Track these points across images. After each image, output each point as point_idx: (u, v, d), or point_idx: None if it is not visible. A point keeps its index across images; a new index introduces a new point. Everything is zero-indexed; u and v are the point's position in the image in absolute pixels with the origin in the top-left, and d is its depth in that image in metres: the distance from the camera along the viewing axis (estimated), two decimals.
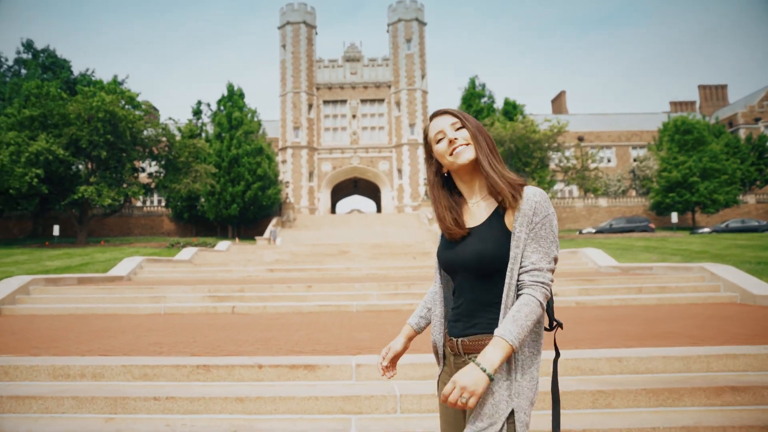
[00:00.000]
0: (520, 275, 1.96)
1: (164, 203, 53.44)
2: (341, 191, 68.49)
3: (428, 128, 2.18)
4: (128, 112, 35.70)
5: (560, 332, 7.16)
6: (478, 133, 2.10)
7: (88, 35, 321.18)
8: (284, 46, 61.38)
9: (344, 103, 61.67)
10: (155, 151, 39.29)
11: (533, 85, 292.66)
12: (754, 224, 41.76)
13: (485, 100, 55.55)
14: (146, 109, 39.94)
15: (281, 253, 25.14)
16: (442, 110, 2.16)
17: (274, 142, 60.48)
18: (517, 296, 1.97)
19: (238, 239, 43.48)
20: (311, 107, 60.70)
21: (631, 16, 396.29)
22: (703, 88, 76.59)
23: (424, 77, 61.17)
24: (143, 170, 44.69)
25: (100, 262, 21.50)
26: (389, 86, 61.62)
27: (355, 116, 61.28)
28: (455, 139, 2.08)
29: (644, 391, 4.71)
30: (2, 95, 49.00)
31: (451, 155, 2.09)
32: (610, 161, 65.13)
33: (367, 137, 61.41)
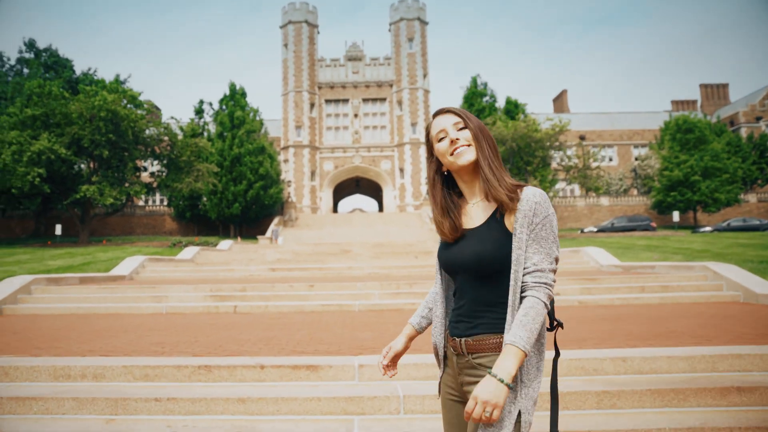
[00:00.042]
0: (522, 276, 1.96)
1: (166, 202, 53.48)
2: (343, 190, 68.51)
3: (430, 126, 2.16)
4: (130, 111, 35.70)
5: (564, 332, 7.13)
6: (480, 133, 2.09)
7: (90, 35, 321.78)
8: (286, 45, 61.37)
9: (346, 102, 61.64)
10: (157, 150, 39.29)
11: (534, 84, 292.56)
12: (755, 223, 41.67)
13: (487, 99, 55.50)
14: (148, 108, 39.96)
15: (283, 252, 25.13)
16: (445, 109, 2.15)
17: (276, 141, 60.46)
18: (521, 297, 1.97)
19: (240, 238, 43.50)
20: (313, 106, 60.68)
21: (631, 15, 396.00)
22: (704, 87, 76.43)
23: (425, 76, 61.13)
24: (145, 169, 44.74)
25: (102, 261, 21.49)
26: (391, 85, 61.57)
27: (357, 115, 61.25)
28: (457, 139, 2.07)
29: (649, 391, 4.68)
30: (4, 95, 49.08)
31: (451, 155, 2.08)
32: (611, 160, 65.10)
33: (368, 136, 61.38)
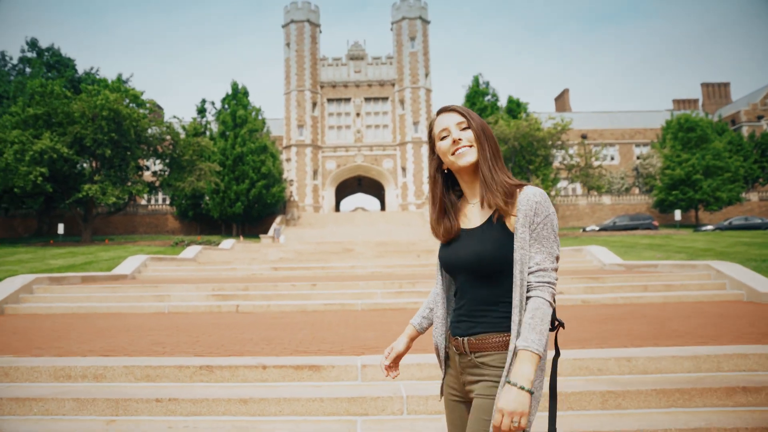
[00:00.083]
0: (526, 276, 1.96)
1: (169, 201, 53.55)
2: (345, 189, 68.53)
3: (434, 123, 2.16)
4: (132, 110, 35.70)
5: (567, 331, 7.10)
6: (482, 134, 2.08)
7: (92, 34, 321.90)
8: (288, 44, 61.37)
9: (348, 101, 61.63)
10: (159, 149, 39.32)
11: (536, 83, 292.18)
12: (757, 222, 41.74)
13: (489, 98, 55.49)
14: (150, 107, 40.03)
15: (286, 251, 25.11)
16: (449, 107, 2.15)
17: (278, 140, 60.50)
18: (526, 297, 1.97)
19: (242, 237, 43.49)
20: (315, 105, 60.68)
21: (631, 15, 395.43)
22: (705, 86, 76.38)
23: (427, 75, 61.10)
24: (147, 168, 44.74)
25: (104, 260, 21.49)
26: (393, 84, 61.54)
27: (359, 114, 61.23)
28: (459, 139, 2.07)
29: (654, 391, 4.64)
30: (7, 94, 49.15)
31: (453, 155, 2.08)
32: (613, 159, 65.10)
33: (371, 135, 61.37)
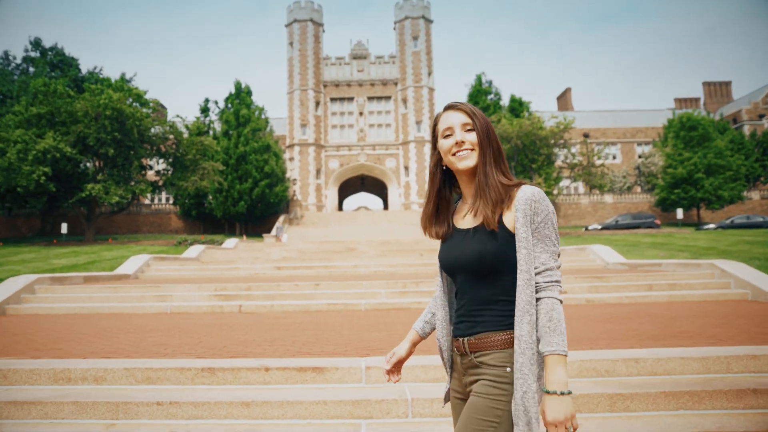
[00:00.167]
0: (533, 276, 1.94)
1: (172, 201, 53.56)
2: (348, 188, 68.48)
3: (439, 119, 2.13)
4: (136, 109, 35.71)
5: (574, 331, 7.05)
6: (485, 138, 2.05)
7: (96, 33, 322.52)
8: (291, 43, 61.31)
9: (351, 100, 61.57)
10: (163, 148, 39.31)
11: (538, 82, 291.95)
12: (759, 220, 41.68)
13: (492, 97, 55.50)
14: (154, 106, 40.03)
15: (289, 250, 25.06)
16: (456, 105, 2.11)
17: (281, 139, 60.50)
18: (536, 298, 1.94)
19: (245, 236, 43.46)
20: (318, 105, 60.64)
21: (631, 14, 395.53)
22: (707, 84, 76.21)
23: (430, 75, 61.01)
24: (151, 168, 44.81)
25: (107, 260, 21.47)
26: (396, 83, 61.46)
27: (362, 113, 61.17)
28: (462, 142, 2.05)
29: (663, 393, 4.57)
30: (10, 93, 49.22)
31: (453, 155, 2.06)
32: (615, 158, 65.03)
33: (374, 134, 61.30)
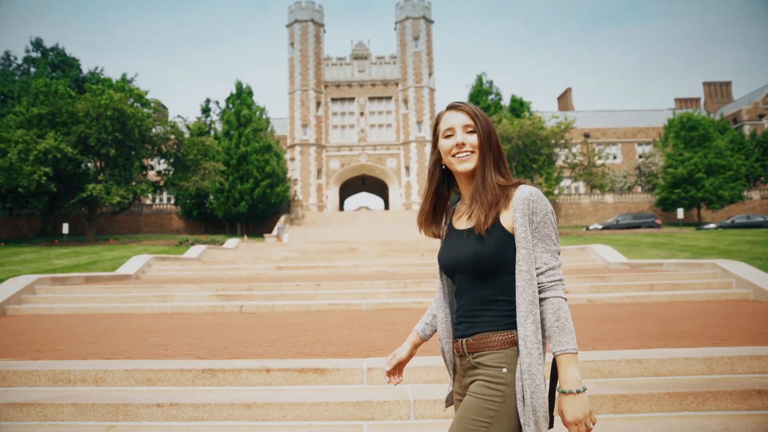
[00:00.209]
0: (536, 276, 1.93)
1: (173, 201, 53.54)
2: (349, 188, 68.46)
3: (441, 117, 2.12)
4: (137, 110, 35.68)
5: (576, 331, 6.99)
6: (486, 141, 2.04)
7: (97, 33, 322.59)
8: (292, 44, 61.31)
9: (352, 100, 61.56)
10: (164, 148, 39.29)
11: (538, 83, 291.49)
12: (759, 220, 41.66)
13: (492, 97, 55.46)
14: (155, 107, 39.99)
15: (290, 250, 25.03)
16: (459, 105, 2.09)
17: (282, 139, 60.49)
18: (540, 298, 1.94)
19: (246, 236, 43.41)
20: (319, 105, 60.63)
21: (631, 14, 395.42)
22: (707, 84, 76.17)
23: (431, 75, 60.99)
24: (152, 168, 44.75)
25: (108, 260, 21.45)
26: (397, 84, 61.45)
27: (363, 114, 61.16)
28: (463, 144, 2.03)
29: (667, 394, 4.53)
30: (11, 94, 49.22)
31: (453, 157, 2.05)
32: (615, 158, 65.04)
33: (374, 135, 61.29)
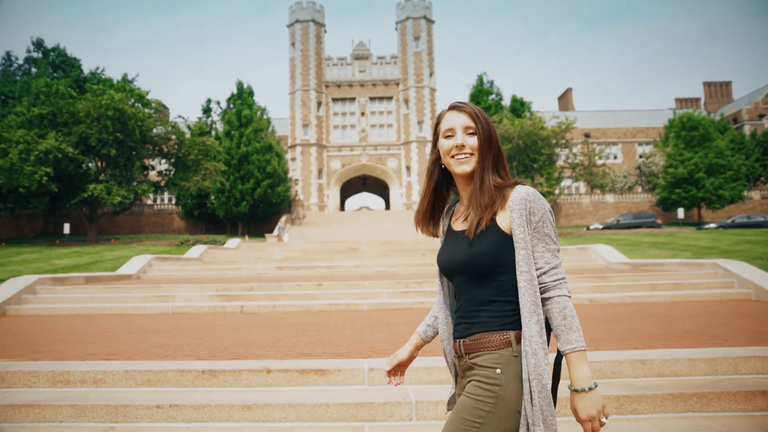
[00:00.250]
0: (537, 277, 1.92)
1: (174, 201, 53.54)
2: (350, 188, 68.44)
3: (442, 117, 2.11)
4: (138, 110, 35.68)
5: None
6: (486, 144, 2.03)
7: (98, 33, 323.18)
8: (293, 44, 61.31)
9: (353, 100, 61.55)
10: (165, 149, 39.28)
11: (538, 83, 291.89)
12: (760, 220, 41.68)
13: (493, 97, 55.43)
14: (156, 107, 39.97)
15: (291, 250, 25.00)
16: (461, 106, 2.08)
17: (283, 139, 60.50)
18: (544, 298, 1.93)
19: (247, 237, 43.39)
20: (320, 105, 60.62)
21: (631, 15, 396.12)
22: (707, 84, 76.16)
23: (432, 75, 60.96)
24: (153, 168, 44.71)
25: (109, 260, 21.43)
26: (397, 84, 61.43)
27: (363, 114, 61.16)
28: (462, 145, 2.02)
29: (671, 396, 4.49)
30: (12, 94, 49.22)
31: (452, 158, 2.05)
32: (616, 158, 65.05)
33: (375, 135, 61.28)
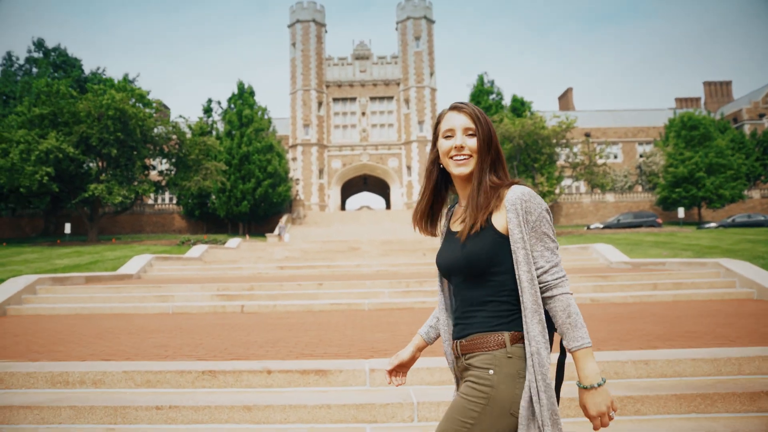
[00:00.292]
0: (539, 276, 1.92)
1: (175, 201, 53.51)
2: (351, 188, 68.43)
3: (443, 117, 2.10)
4: (138, 109, 35.67)
5: None
6: (485, 146, 2.03)
7: (95, 33, 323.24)
8: (294, 44, 61.27)
9: (354, 100, 61.53)
10: (166, 148, 39.27)
11: (538, 83, 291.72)
12: (760, 219, 41.72)
13: (494, 96, 55.38)
14: (157, 107, 39.97)
15: (292, 250, 24.98)
16: (462, 107, 2.07)
17: (284, 139, 60.49)
18: (545, 297, 1.93)
19: (248, 236, 43.40)
20: (321, 105, 60.61)
21: (631, 15, 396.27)
22: (707, 84, 76.16)
23: (432, 75, 60.92)
24: (154, 168, 44.67)
25: (109, 260, 21.40)
26: (398, 84, 61.41)
27: (364, 114, 61.14)
28: (462, 146, 2.02)
29: (674, 396, 4.45)
30: (13, 94, 49.21)
31: (450, 159, 2.05)
32: (616, 157, 65.06)
33: (376, 134, 61.27)
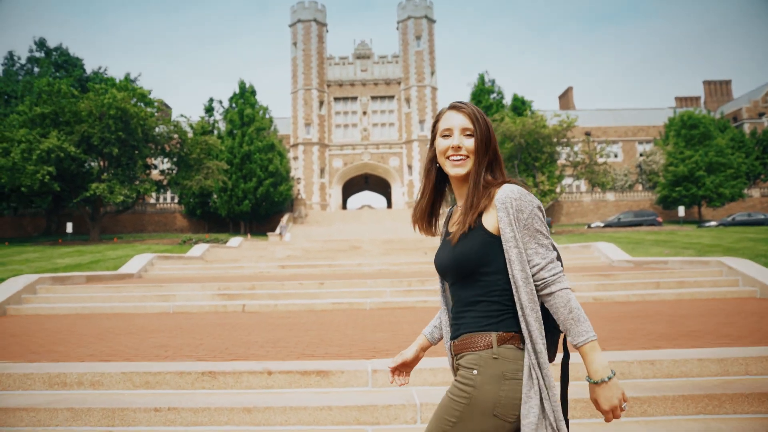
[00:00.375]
0: (535, 274, 1.90)
1: (177, 200, 53.48)
2: (352, 187, 68.43)
3: (441, 116, 2.10)
4: (140, 109, 35.64)
5: None
6: (483, 146, 2.02)
7: (96, 33, 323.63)
8: (295, 43, 61.25)
9: (355, 99, 61.53)
10: (167, 148, 39.26)
11: (539, 82, 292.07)
12: (760, 217, 41.80)
13: (494, 95, 55.33)
14: (158, 106, 39.93)
15: (293, 249, 24.93)
16: (461, 107, 2.07)
17: (285, 138, 60.47)
18: (544, 294, 1.91)
19: (250, 235, 43.40)
20: (322, 104, 60.60)
21: (631, 14, 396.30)
22: (707, 83, 76.11)
23: (433, 74, 60.90)
24: (155, 167, 44.63)
25: (111, 259, 21.36)
26: (399, 83, 61.41)
27: (365, 113, 61.14)
28: (459, 147, 2.02)
29: (681, 397, 4.38)
30: (15, 93, 49.22)
31: (447, 159, 2.05)
32: (616, 156, 65.04)
33: (377, 134, 61.28)
